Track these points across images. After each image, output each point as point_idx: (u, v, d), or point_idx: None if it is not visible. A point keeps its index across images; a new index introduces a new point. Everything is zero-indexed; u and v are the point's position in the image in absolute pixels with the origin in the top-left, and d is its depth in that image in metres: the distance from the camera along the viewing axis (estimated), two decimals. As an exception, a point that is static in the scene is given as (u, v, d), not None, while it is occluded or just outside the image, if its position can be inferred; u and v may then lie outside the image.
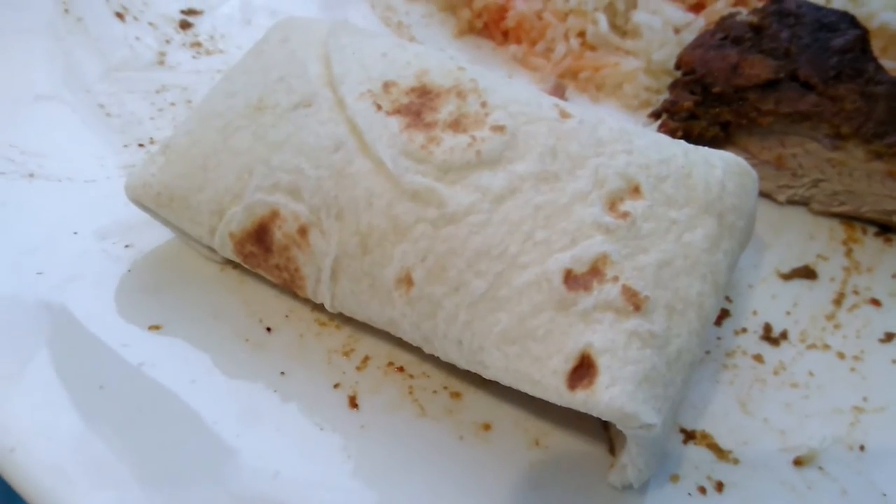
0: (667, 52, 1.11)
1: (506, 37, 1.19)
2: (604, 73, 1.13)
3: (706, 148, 0.84)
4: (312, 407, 0.77)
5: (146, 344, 0.79)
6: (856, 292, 0.95)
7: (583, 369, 0.68)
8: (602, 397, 0.66)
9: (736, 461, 0.78)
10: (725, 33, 1.02)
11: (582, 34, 1.15)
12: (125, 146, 0.98)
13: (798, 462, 0.78)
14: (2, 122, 0.95)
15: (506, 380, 0.71)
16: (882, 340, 0.90)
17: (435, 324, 0.73)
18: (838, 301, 0.93)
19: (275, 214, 0.78)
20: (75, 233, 0.87)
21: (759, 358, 0.87)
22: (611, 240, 0.73)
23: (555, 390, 0.68)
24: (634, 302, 0.70)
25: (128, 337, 0.79)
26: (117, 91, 1.04)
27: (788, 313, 0.92)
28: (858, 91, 0.95)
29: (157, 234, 0.88)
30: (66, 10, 1.10)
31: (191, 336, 0.81)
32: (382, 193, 0.75)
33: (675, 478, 0.77)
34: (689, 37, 1.11)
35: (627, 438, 0.69)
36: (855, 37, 0.99)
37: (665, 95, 1.11)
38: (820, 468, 0.78)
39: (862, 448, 0.80)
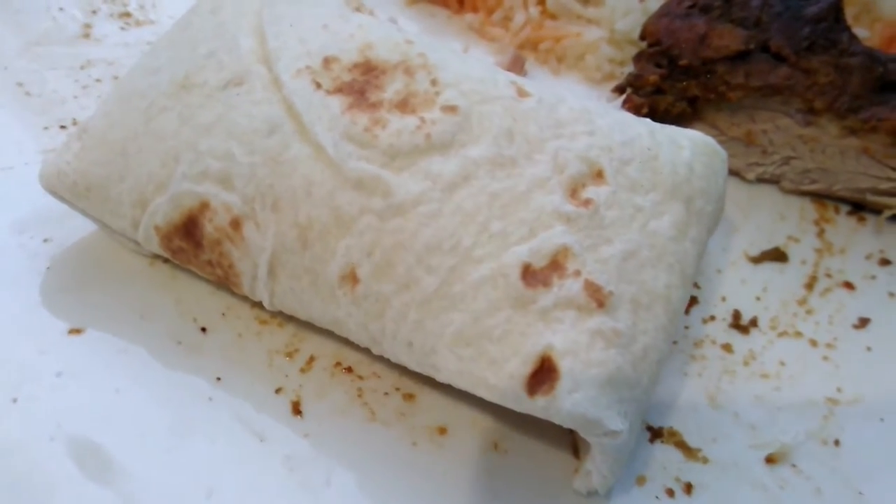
0: (631, 20, 1.05)
1: (461, 5, 1.12)
2: (565, 44, 1.06)
3: (673, 127, 0.78)
4: (251, 415, 0.71)
5: (65, 350, 0.72)
6: (828, 275, 0.90)
7: (543, 373, 0.62)
8: (563, 404, 0.61)
9: (705, 460, 0.74)
10: (693, 1, 0.95)
11: (542, 2, 1.08)
12: (45, 128, 0.90)
13: (770, 460, 0.74)
14: None
15: (460, 384, 0.65)
16: (856, 326, 0.86)
17: (383, 324, 0.67)
18: (810, 285, 0.89)
19: (204, 206, 0.70)
20: (-13, 227, 0.79)
21: (728, 347, 0.83)
22: (572, 230, 0.67)
23: (513, 396, 0.62)
24: (598, 298, 0.64)
25: (45, 343, 0.72)
26: (38, 68, 0.95)
27: (758, 299, 0.88)
28: (832, 63, 0.90)
29: (78, 227, 0.81)
30: (-25, -21, 1.00)
31: (116, 340, 0.74)
32: (323, 182, 0.68)
33: (641, 479, 0.72)
34: (654, 5, 1.04)
35: (591, 445, 0.64)
36: (828, 5, 0.93)
37: (630, 68, 1.05)
38: (793, 465, 0.74)
39: (837, 443, 0.76)
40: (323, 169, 0.68)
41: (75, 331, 0.73)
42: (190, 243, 0.72)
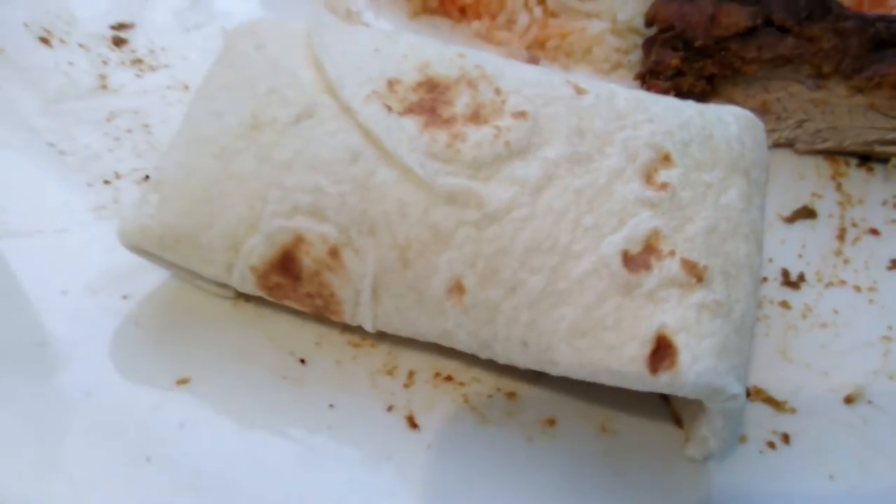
0: (631, 9, 1.10)
1: (463, 13, 1.15)
2: (571, 40, 1.10)
3: (714, 105, 0.83)
4: (373, 436, 0.73)
5: (179, 401, 0.72)
6: (854, 225, 0.97)
7: (661, 351, 0.66)
8: (688, 377, 0.65)
9: (793, 410, 0.79)
10: (695, -16, 1.01)
11: (542, 2, 1.12)
12: (89, 185, 0.88)
13: (848, 400, 0.80)
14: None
15: (580, 374, 0.69)
16: (889, 268, 0.93)
17: (495, 329, 0.70)
18: (841, 236, 0.96)
19: (299, 240, 0.72)
20: (64, 292, 0.77)
21: (785, 304, 0.89)
22: (657, 214, 0.71)
23: (636, 377, 0.66)
24: (696, 274, 0.68)
25: (158, 398, 0.71)
26: (63, 125, 0.93)
27: (800, 256, 0.94)
28: (831, 29, 0.97)
29: (151, 278, 0.80)
30: (-15, 43, 0.97)
31: (224, 383, 0.74)
32: (415, 202, 0.70)
33: (743, 438, 0.77)
34: (650, -8, 1.10)
35: (711, 411, 0.69)
36: (818, -26, 1.00)
37: (636, 55, 1.10)
38: (869, 402, 0.80)
39: (900, 376, 0.82)
40: (414, 189, 0.70)
41: (182, 381, 0.73)
42: (288, 278, 0.73)
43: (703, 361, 0.65)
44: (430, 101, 0.75)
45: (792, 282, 0.91)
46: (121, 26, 1.07)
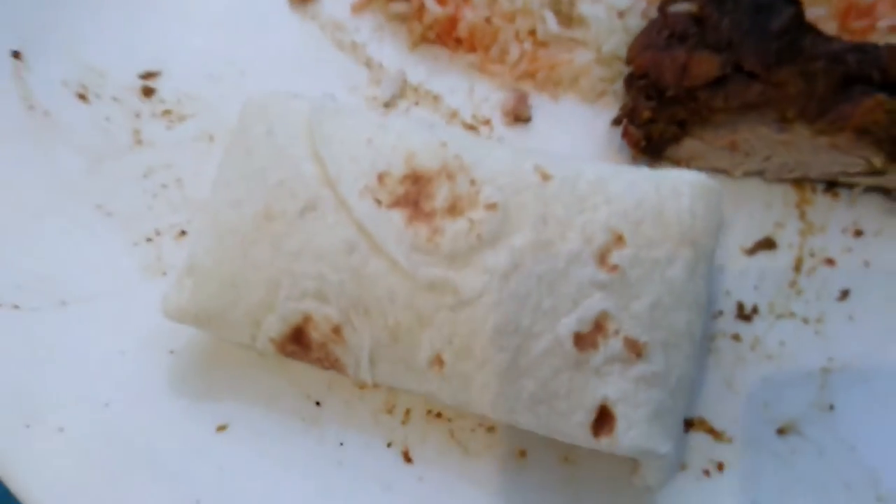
0: (615, 40, 1.17)
1: (459, 43, 1.23)
2: (559, 71, 1.18)
3: (673, 173, 0.92)
4: (376, 471, 0.90)
5: (220, 445, 0.90)
6: (812, 254, 1.07)
7: (603, 419, 0.81)
8: (623, 441, 0.80)
9: (730, 440, 0.94)
10: (671, 29, 1.07)
11: (532, 33, 1.19)
12: (135, 244, 1.03)
13: (781, 431, 0.94)
14: (11, 250, 0.99)
15: (539, 432, 0.84)
16: (839, 299, 1.03)
17: (469, 395, 0.85)
18: (797, 267, 1.06)
19: (308, 319, 0.87)
20: (122, 352, 0.94)
21: (737, 337, 1.01)
22: (607, 295, 0.83)
23: (583, 439, 0.81)
24: (636, 350, 0.82)
25: (201, 443, 0.89)
26: (106, 185, 1.07)
27: (756, 287, 1.05)
28: (798, 72, 1.03)
29: (194, 333, 0.96)
30: (31, 107, 1.10)
31: (255, 426, 0.92)
32: (401, 289, 0.84)
33: (683, 466, 0.92)
34: (634, 21, 1.16)
35: (646, 463, 0.84)
36: (790, 15, 1.05)
37: (618, 84, 1.18)
38: (799, 433, 0.94)
39: (831, 407, 0.95)
40: (400, 279, 0.84)
41: (222, 427, 0.91)
42: (300, 347, 0.88)
43: (637, 428, 0.80)
44: (415, 193, 0.87)
45: (745, 314, 1.03)
46: (148, 75, 1.18)
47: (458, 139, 0.92)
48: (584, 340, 0.82)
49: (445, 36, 1.22)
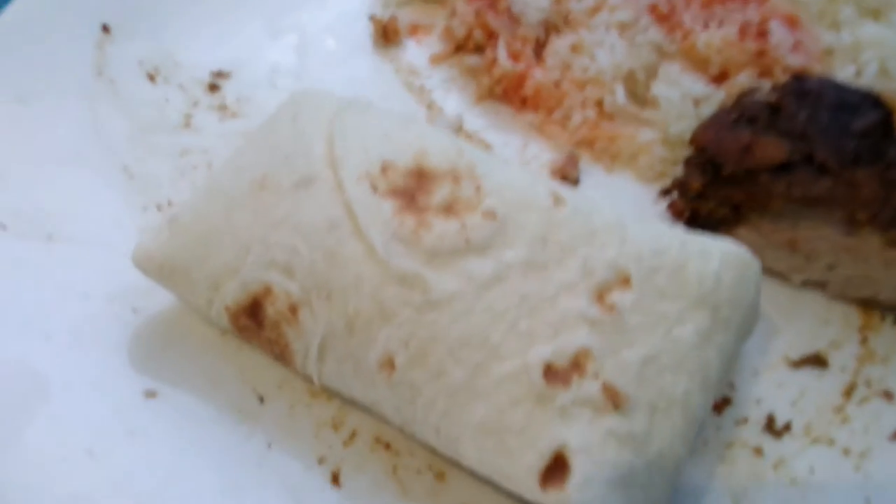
0: (685, 124, 1.10)
1: (524, 103, 1.20)
2: (619, 144, 1.12)
3: (708, 238, 0.82)
4: (295, 483, 0.78)
5: (139, 411, 0.81)
6: (868, 384, 0.91)
7: (556, 468, 0.67)
8: (573, 499, 0.65)
9: (724, 563, 0.76)
10: (741, 112, 1.00)
11: (599, 103, 1.15)
12: (144, 208, 1.02)
13: (790, 568, 0.75)
14: (26, 183, 0.99)
15: (481, 471, 0.71)
16: (891, 438, 0.86)
17: (414, 409, 0.74)
18: (848, 392, 0.90)
19: (268, 291, 0.80)
20: (86, 296, 0.90)
21: (758, 451, 0.85)
22: (594, 333, 0.72)
23: (527, 486, 0.67)
24: (615, 400, 0.69)
25: (122, 403, 0.82)
26: (142, 153, 1.08)
27: (794, 403, 0.89)
28: (877, 176, 0.92)
29: (162, 298, 0.91)
30: (101, 73, 1.15)
31: (185, 404, 0.83)
32: (371, 277, 0.76)
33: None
34: (708, 110, 1.10)
35: (601, 540, 0.68)
36: (877, 119, 0.95)
37: (679, 169, 1.10)
38: (812, 577, 0.75)
39: (859, 557, 0.76)
40: (372, 266, 0.76)
41: (150, 394, 0.83)
42: (254, 322, 0.81)
43: (594, 489, 0.65)
44: (414, 188, 0.81)
45: (775, 429, 0.87)
46: (219, 74, 1.22)
47: (479, 153, 0.86)
48: (555, 375, 0.70)
49: (512, 93, 1.20)
